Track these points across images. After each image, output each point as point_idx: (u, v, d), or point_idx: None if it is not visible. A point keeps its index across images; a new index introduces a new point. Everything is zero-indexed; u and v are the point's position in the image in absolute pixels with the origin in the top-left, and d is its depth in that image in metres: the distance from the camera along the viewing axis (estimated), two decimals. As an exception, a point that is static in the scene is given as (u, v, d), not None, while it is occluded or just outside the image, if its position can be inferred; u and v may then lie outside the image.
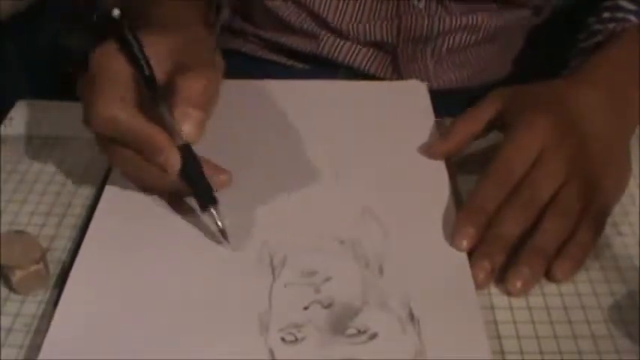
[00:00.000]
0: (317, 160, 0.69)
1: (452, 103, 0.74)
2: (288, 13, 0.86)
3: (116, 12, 0.60)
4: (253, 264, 0.59)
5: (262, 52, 0.90)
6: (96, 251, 0.60)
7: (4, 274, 0.59)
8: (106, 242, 0.61)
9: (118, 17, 0.60)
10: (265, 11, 0.87)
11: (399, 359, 0.52)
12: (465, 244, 0.60)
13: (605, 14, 0.76)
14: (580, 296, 0.58)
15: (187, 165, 0.60)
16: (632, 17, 0.74)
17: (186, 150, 0.60)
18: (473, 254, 0.59)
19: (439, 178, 0.67)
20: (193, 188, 0.61)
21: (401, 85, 0.83)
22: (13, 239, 0.60)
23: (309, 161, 0.68)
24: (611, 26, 0.74)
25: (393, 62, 0.86)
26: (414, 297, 0.56)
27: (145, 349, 0.53)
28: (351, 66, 0.86)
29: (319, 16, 0.85)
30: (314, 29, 0.86)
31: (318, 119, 0.74)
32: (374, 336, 0.53)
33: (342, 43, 0.85)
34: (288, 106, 0.75)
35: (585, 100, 0.67)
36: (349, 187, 0.66)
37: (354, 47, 0.85)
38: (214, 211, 0.60)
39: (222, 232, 0.60)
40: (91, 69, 0.62)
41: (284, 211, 0.64)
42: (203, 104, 0.60)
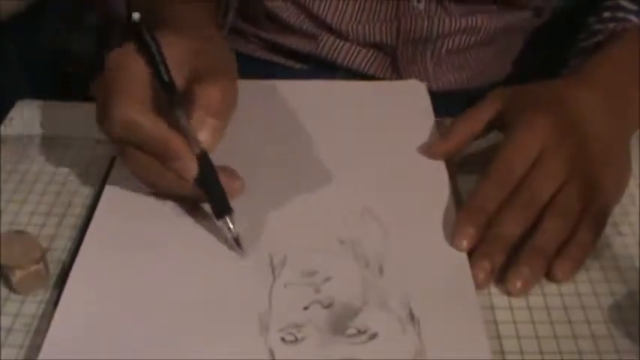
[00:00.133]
0: (317, 160, 0.69)
1: (452, 104, 0.74)
2: (287, 14, 0.86)
3: (136, 15, 0.59)
4: (253, 264, 0.59)
5: (262, 53, 0.90)
6: (96, 251, 0.60)
7: (4, 274, 0.59)
8: (106, 242, 0.61)
9: (138, 20, 0.59)
10: (265, 12, 0.87)
11: (399, 359, 0.52)
12: (465, 244, 0.60)
13: (606, 14, 0.76)
14: (580, 296, 0.58)
15: (204, 173, 0.60)
16: (632, 17, 0.74)
17: (203, 158, 0.60)
18: (473, 254, 0.59)
19: (439, 178, 0.67)
20: (209, 196, 0.61)
21: (401, 85, 0.83)
22: (13, 239, 0.60)
23: (309, 161, 0.68)
24: (612, 26, 0.74)
25: (393, 64, 0.86)
26: (414, 297, 0.56)
27: (145, 349, 0.53)
28: (351, 67, 0.86)
29: (318, 17, 0.85)
30: (313, 30, 0.86)
31: (318, 119, 0.74)
32: (374, 336, 0.53)
33: (341, 44, 0.85)
34: (288, 107, 0.75)
35: (585, 100, 0.67)
36: (349, 187, 0.66)
37: (353, 48, 0.85)
38: (229, 219, 0.60)
39: (236, 241, 0.59)
40: (109, 70, 0.61)
41: (284, 211, 0.63)
42: (221, 112, 0.60)
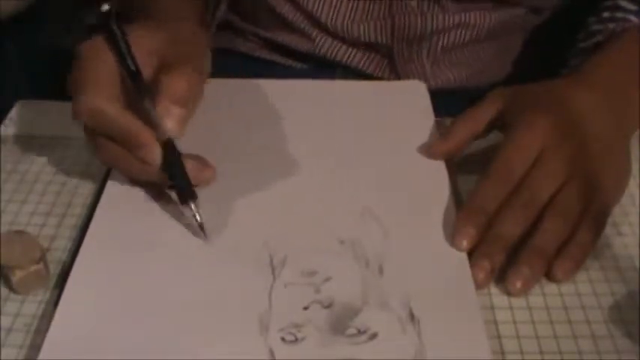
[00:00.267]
0: (317, 160, 0.69)
1: (451, 103, 0.74)
2: (284, 11, 0.86)
3: (105, 6, 0.61)
4: (253, 264, 0.59)
5: (261, 52, 0.90)
6: (96, 251, 0.60)
7: (4, 274, 0.59)
8: (106, 242, 0.61)
9: (106, 10, 0.61)
10: (263, 9, 0.87)
11: (399, 359, 0.52)
12: (465, 244, 0.60)
13: (605, 14, 0.76)
14: (580, 296, 0.58)
15: (169, 160, 0.62)
16: (632, 17, 0.74)
17: (169, 145, 0.62)
18: (473, 254, 0.59)
19: (439, 178, 0.67)
20: (174, 182, 0.63)
21: (401, 84, 0.83)
22: (13, 239, 0.60)
23: (310, 161, 0.68)
24: (611, 26, 0.74)
25: (390, 63, 0.85)
26: (414, 297, 0.56)
27: (145, 349, 0.53)
28: (349, 66, 0.86)
29: (313, 15, 0.85)
30: (308, 28, 0.86)
31: (317, 119, 0.74)
32: (374, 336, 0.53)
33: (339, 44, 0.85)
34: (288, 106, 0.75)
35: (585, 100, 0.67)
36: (349, 187, 0.66)
37: (350, 48, 0.85)
38: (193, 205, 0.61)
39: (200, 226, 0.61)
40: (79, 61, 0.63)
41: (284, 211, 0.63)
42: (185, 101, 0.62)
